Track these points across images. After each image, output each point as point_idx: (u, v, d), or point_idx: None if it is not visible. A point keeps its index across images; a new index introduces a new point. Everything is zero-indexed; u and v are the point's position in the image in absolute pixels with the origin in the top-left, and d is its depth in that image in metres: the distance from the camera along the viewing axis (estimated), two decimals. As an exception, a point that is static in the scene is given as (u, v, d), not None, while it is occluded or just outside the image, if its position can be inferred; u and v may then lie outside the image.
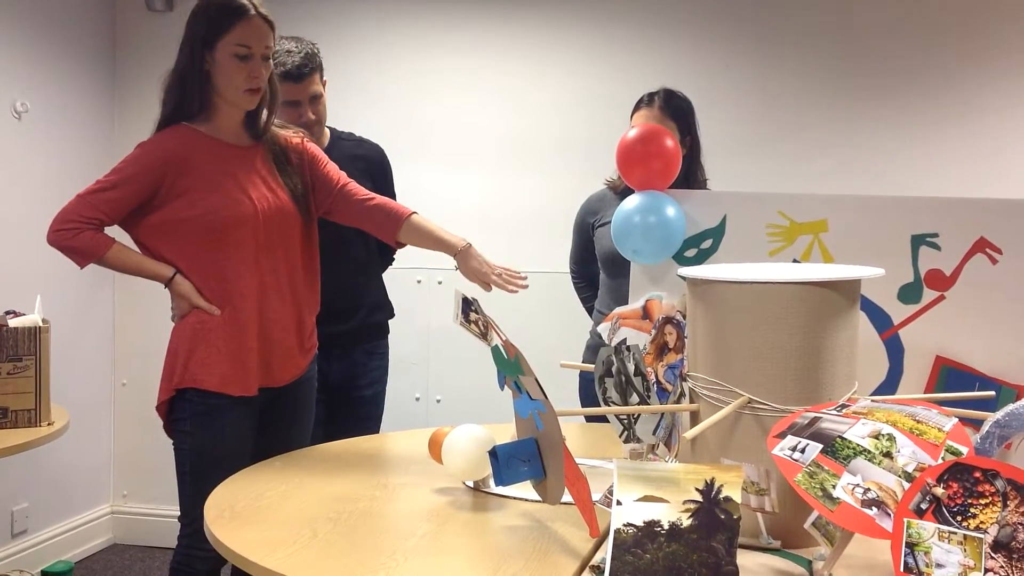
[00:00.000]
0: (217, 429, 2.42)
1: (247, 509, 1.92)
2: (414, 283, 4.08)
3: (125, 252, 2.44)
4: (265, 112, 2.50)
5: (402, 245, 2.70)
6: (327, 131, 3.02)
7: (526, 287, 2.56)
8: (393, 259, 3.30)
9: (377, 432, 3.08)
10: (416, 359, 4.11)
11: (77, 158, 4.16)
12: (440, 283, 4.11)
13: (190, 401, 2.42)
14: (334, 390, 2.95)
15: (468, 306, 1.96)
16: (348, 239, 2.91)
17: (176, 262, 2.42)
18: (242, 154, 2.47)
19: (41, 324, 2.82)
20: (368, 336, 3.12)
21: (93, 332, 4.33)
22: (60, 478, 4.13)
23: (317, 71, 2.89)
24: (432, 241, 2.59)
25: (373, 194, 2.63)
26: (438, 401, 4.17)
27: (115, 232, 2.46)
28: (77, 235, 2.38)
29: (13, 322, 2.80)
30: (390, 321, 3.23)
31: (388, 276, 3.27)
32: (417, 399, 4.16)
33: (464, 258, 2.54)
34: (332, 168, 2.61)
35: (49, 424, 2.83)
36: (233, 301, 2.41)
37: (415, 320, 4.04)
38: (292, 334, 2.51)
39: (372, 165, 3.07)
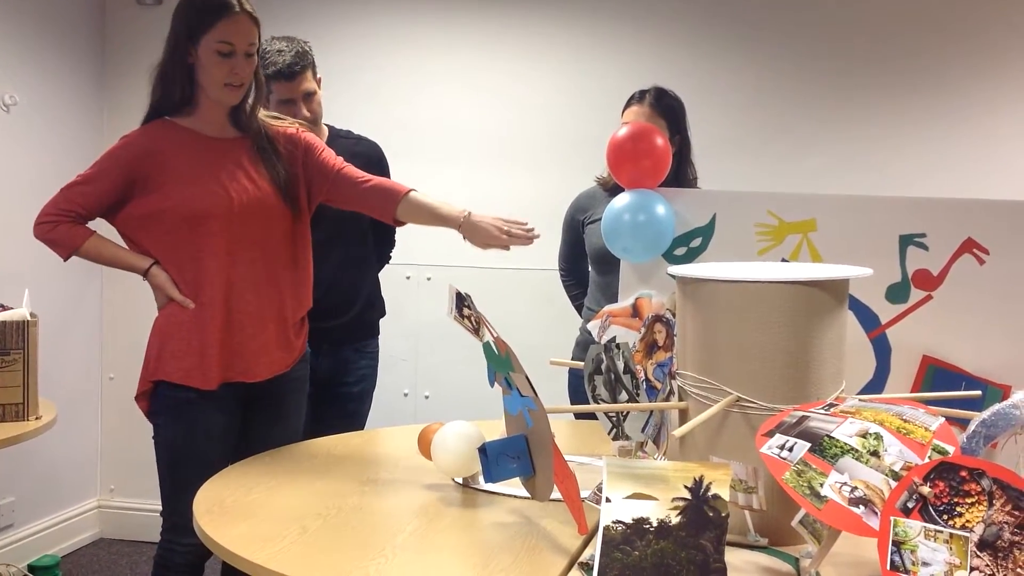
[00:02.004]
0: (187, 423, 2.42)
1: (236, 505, 1.92)
2: (403, 279, 4.08)
3: (103, 244, 2.46)
4: (250, 103, 2.48)
5: (401, 223, 2.61)
6: (325, 128, 3.03)
7: (538, 235, 2.43)
8: (390, 257, 3.30)
9: (361, 429, 3.08)
10: (405, 355, 4.11)
11: (66, 151, 4.14)
12: (429, 279, 4.12)
13: (163, 395, 2.44)
14: (320, 386, 2.96)
15: (461, 301, 1.97)
16: (345, 234, 2.91)
17: (154, 254, 2.43)
18: (224, 147, 2.46)
19: (29, 318, 2.81)
20: (359, 334, 3.13)
21: (81, 326, 4.32)
22: (47, 472, 4.12)
23: (309, 68, 2.89)
24: (431, 217, 2.51)
25: (370, 175, 2.57)
26: (426, 397, 4.17)
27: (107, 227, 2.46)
28: (55, 228, 2.42)
29: (1, 316, 2.80)
30: (381, 319, 3.24)
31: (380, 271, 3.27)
32: (405, 395, 4.17)
33: (470, 231, 2.45)
34: (329, 155, 2.57)
35: (37, 418, 2.82)
36: (202, 293, 2.41)
37: (404, 316, 4.03)
38: (270, 328, 2.47)
39: (370, 163, 3.06)
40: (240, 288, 2.43)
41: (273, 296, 2.48)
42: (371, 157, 3.10)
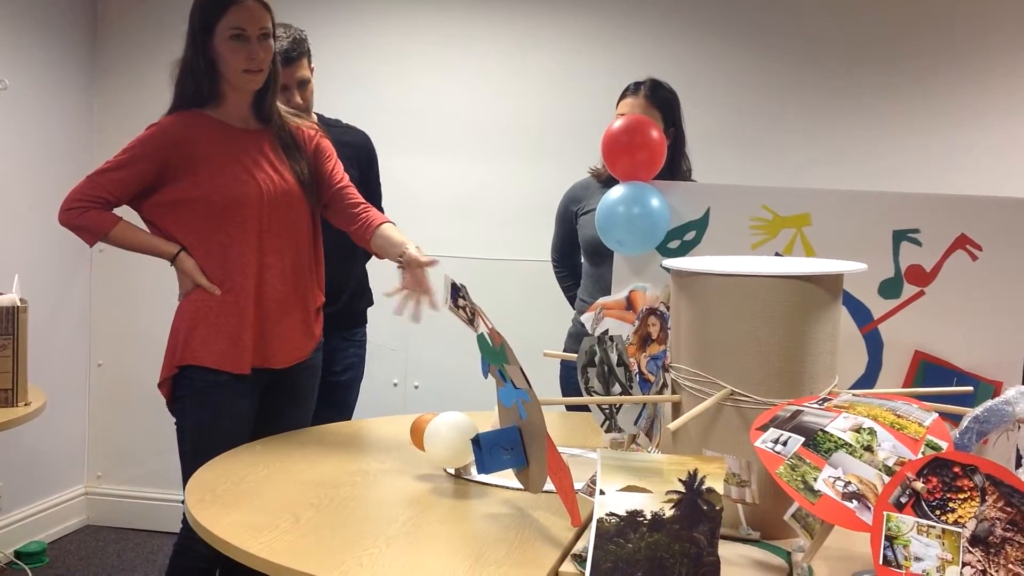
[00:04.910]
0: (215, 406, 2.45)
1: (228, 493, 1.92)
2: (393, 268, 4.03)
3: (131, 230, 2.48)
4: (270, 93, 2.51)
5: (380, 256, 2.63)
6: (314, 117, 3.02)
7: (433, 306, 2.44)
8: None
9: (349, 419, 3.08)
10: (394, 344, 4.10)
11: (56, 137, 4.12)
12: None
13: (190, 379, 2.46)
14: None
15: (456, 292, 1.97)
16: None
17: (182, 241, 2.46)
18: (250, 138, 2.50)
19: (19, 304, 2.80)
20: (347, 322, 3.12)
21: (70, 313, 4.30)
22: (35, 458, 4.11)
23: (305, 56, 2.90)
24: (390, 246, 2.51)
25: (363, 202, 2.62)
26: (416, 387, 4.17)
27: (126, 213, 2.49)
28: (83, 214, 2.44)
29: (-9, 301, 2.78)
30: (369, 308, 3.23)
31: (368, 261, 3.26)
32: (395, 385, 4.16)
33: (409, 261, 2.46)
34: (337, 168, 2.63)
35: (26, 404, 2.81)
36: (233, 280, 2.44)
37: (393, 305, 4.02)
38: (294, 317, 2.53)
39: (358, 152, 3.07)
40: (268, 276, 2.47)
41: (298, 284, 2.53)
42: (359, 146, 3.10)
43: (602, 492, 1.46)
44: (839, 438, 1.50)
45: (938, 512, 1.36)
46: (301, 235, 2.54)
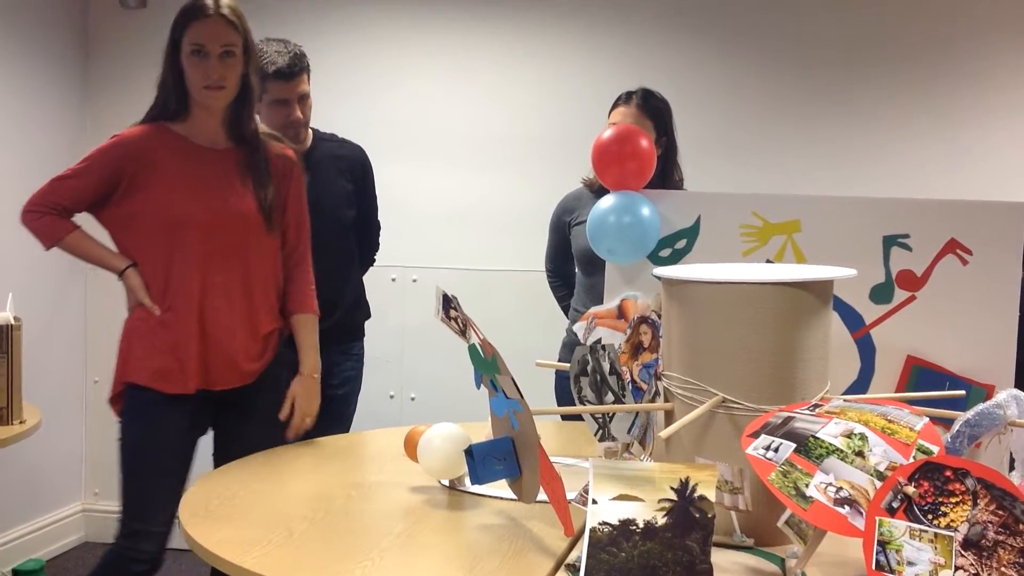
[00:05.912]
0: (148, 423, 2.42)
1: (221, 508, 1.92)
2: (388, 281, 4.08)
3: (85, 241, 2.48)
4: (245, 112, 2.48)
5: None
6: (310, 132, 3.02)
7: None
8: (374, 260, 3.30)
9: (347, 431, 3.08)
10: (390, 357, 4.10)
11: (50, 154, 4.11)
12: (415, 281, 4.11)
13: (130, 397, 2.44)
14: None
15: (448, 303, 1.97)
16: (328, 238, 2.91)
17: (132, 254, 2.45)
18: (214, 157, 2.47)
19: (13, 322, 2.80)
20: (344, 336, 3.11)
21: (65, 329, 4.30)
22: (31, 476, 4.10)
23: (305, 71, 2.91)
24: (299, 346, 2.59)
25: (303, 273, 2.61)
26: (412, 399, 4.17)
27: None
28: (39, 219, 2.46)
29: (-16, 320, 2.78)
30: (366, 321, 3.23)
31: (365, 273, 3.27)
32: (391, 397, 4.16)
33: (302, 379, 2.56)
34: (300, 216, 2.60)
35: (21, 422, 2.81)
36: (174, 299, 2.42)
37: (389, 318, 4.03)
38: (238, 340, 2.47)
39: (353, 166, 3.07)
40: (212, 297, 2.43)
41: (245, 309, 2.48)
42: (354, 160, 3.09)
43: (594, 501, 1.46)
44: (830, 444, 1.50)
45: (930, 516, 1.36)
46: (252, 258, 2.48)
